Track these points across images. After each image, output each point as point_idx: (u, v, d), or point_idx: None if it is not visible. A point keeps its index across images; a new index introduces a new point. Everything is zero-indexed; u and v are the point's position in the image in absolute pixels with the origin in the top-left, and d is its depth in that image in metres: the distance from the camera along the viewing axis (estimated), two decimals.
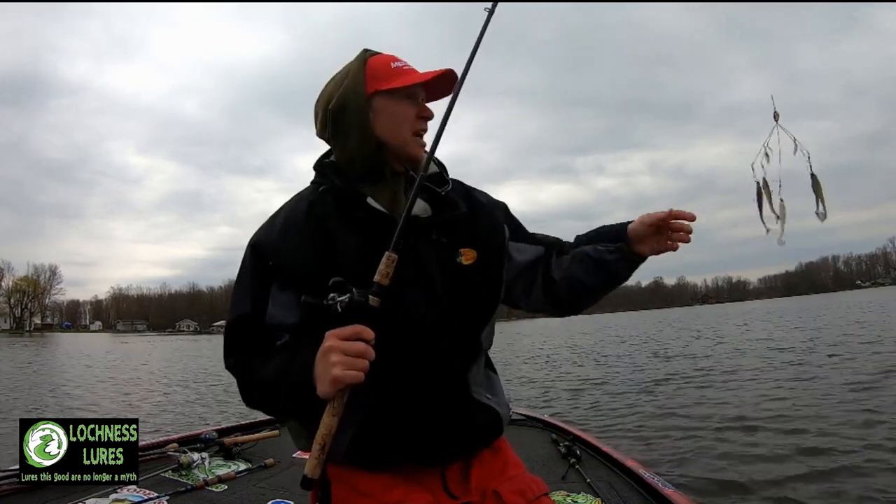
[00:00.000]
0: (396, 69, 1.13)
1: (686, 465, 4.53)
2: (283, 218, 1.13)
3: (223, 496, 2.39)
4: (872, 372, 8.18)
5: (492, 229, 1.21)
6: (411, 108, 1.13)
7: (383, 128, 1.11)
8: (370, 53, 1.17)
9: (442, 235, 1.13)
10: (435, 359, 1.07)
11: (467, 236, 1.16)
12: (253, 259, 1.11)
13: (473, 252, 1.15)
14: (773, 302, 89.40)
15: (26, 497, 2.16)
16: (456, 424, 1.09)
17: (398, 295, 1.03)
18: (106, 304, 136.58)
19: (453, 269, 1.12)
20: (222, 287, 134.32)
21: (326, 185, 1.13)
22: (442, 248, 1.12)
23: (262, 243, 1.11)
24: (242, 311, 1.10)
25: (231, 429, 3.36)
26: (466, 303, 1.12)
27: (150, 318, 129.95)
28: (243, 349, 1.10)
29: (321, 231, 1.08)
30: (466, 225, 1.17)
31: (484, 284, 1.16)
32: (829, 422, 5.52)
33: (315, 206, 1.12)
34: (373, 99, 1.11)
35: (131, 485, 2.33)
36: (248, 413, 7.78)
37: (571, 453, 2.73)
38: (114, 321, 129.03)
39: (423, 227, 1.11)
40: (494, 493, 1.10)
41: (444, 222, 1.14)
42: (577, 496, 2.29)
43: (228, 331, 1.12)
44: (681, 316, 56.87)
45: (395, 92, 1.12)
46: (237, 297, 1.12)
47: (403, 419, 1.06)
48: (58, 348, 38.07)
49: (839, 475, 3.94)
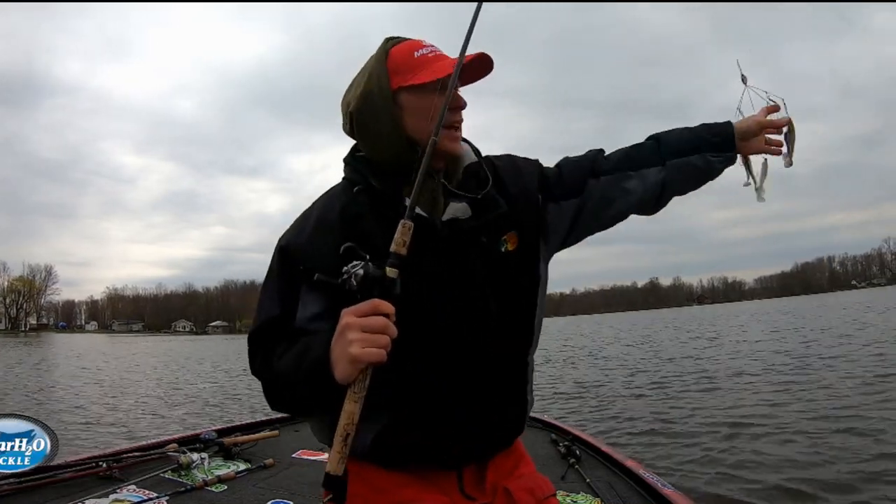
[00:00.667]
0: (421, 58, 1.03)
1: (686, 465, 4.55)
2: (315, 219, 1.07)
3: (223, 496, 2.38)
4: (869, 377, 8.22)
5: (526, 206, 1.13)
6: (441, 100, 1.00)
7: (413, 125, 1.03)
8: (392, 43, 1.06)
9: (483, 235, 1.07)
10: (469, 358, 1.04)
11: (509, 222, 1.10)
12: (282, 263, 1.07)
13: (515, 235, 1.10)
14: (769, 302, 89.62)
15: (26, 497, 2.14)
16: (486, 428, 1.07)
17: (443, 303, 1.02)
18: (101, 304, 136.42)
19: (497, 259, 1.08)
20: (218, 287, 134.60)
21: (361, 183, 1.07)
22: (486, 247, 1.07)
23: (292, 246, 1.06)
24: (271, 314, 1.05)
25: (231, 429, 3.35)
26: (513, 289, 1.09)
27: (145, 319, 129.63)
28: (268, 349, 1.05)
29: (355, 233, 1.01)
30: (507, 213, 1.10)
31: (525, 270, 1.12)
32: (829, 421, 5.57)
33: (349, 207, 1.06)
34: (398, 96, 1.03)
35: (131, 485, 2.34)
36: (248, 413, 7.83)
37: (571, 453, 2.73)
38: (109, 321, 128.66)
39: (468, 231, 1.06)
40: (505, 490, 1.09)
41: (487, 224, 1.08)
42: (576, 496, 2.29)
43: (255, 335, 1.07)
44: (677, 316, 56.97)
45: (420, 87, 1.02)
46: (265, 301, 1.07)
47: (431, 422, 1.03)
48: (51, 349, 37.96)
49: (839, 475, 3.97)
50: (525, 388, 1.14)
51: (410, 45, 1.05)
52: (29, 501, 2.13)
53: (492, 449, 1.12)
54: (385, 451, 1.04)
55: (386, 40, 1.07)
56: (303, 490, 2.43)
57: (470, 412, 1.05)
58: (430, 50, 1.05)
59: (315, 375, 0.92)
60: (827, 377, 8.37)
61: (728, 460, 4.56)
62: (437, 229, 1.04)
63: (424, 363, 1.02)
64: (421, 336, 1.00)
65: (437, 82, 1.00)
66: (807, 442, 4.88)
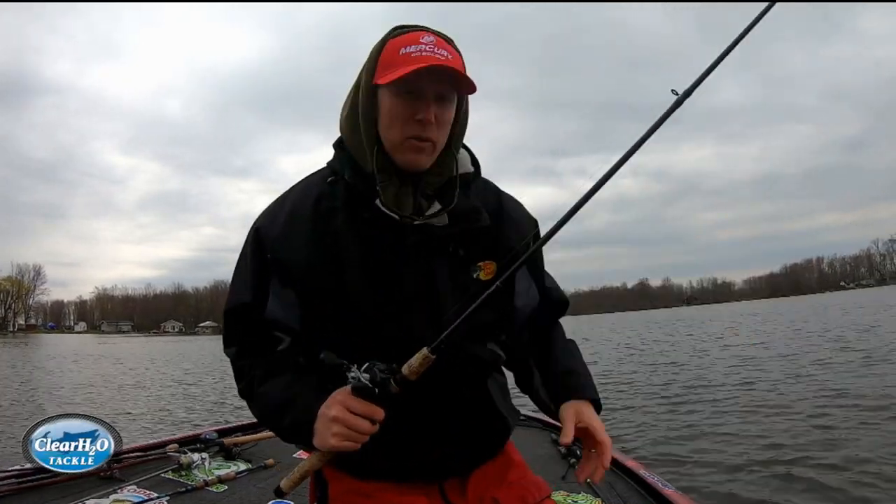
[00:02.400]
0: (404, 56, 0.93)
1: (685, 465, 4.56)
2: (290, 209, 1.04)
3: (223, 496, 2.37)
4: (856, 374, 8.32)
5: (519, 242, 1.08)
6: (408, 107, 0.94)
7: (382, 127, 0.98)
8: (394, 33, 0.99)
9: (460, 247, 1.02)
10: (436, 382, 0.96)
11: (489, 248, 1.04)
12: (254, 246, 1.05)
13: (493, 265, 1.04)
14: (759, 303, 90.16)
15: (26, 497, 2.13)
16: (459, 446, 1.05)
17: (399, 311, 0.99)
18: (90, 304, 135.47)
19: (468, 285, 1.01)
20: (207, 288, 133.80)
21: (339, 174, 1.02)
22: (458, 261, 1.02)
23: (263, 232, 1.04)
24: (242, 300, 1.05)
25: (231, 429, 3.34)
26: (482, 320, 1.01)
27: (134, 319, 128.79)
28: (243, 341, 1.07)
29: (328, 232, 1.00)
30: (489, 235, 1.05)
31: (497, 304, 1.02)
32: (828, 421, 5.62)
33: (323, 200, 1.02)
34: (377, 93, 0.97)
35: (131, 485, 2.33)
36: (248, 413, 7.79)
37: (571, 453, 2.72)
38: (98, 322, 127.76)
39: (437, 238, 1.01)
40: (493, 500, 1.06)
41: (463, 233, 1.02)
42: (576, 496, 2.29)
43: (228, 317, 1.08)
44: (670, 317, 57.15)
45: (392, 86, 0.94)
46: (237, 283, 1.07)
47: (405, 445, 1.01)
48: (39, 349, 37.55)
49: (840, 474, 4.00)
50: (492, 405, 1.09)
51: (405, 40, 0.96)
52: (29, 501, 2.11)
53: (468, 463, 1.09)
54: (361, 469, 1.04)
55: (391, 29, 1.00)
56: (303, 490, 2.42)
57: (438, 428, 1.03)
58: (421, 48, 0.94)
59: (296, 432, 0.99)
60: (827, 376, 8.46)
61: (728, 460, 4.57)
62: (406, 233, 1.00)
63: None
64: (379, 346, 0.97)
65: (407, 83, 0.93)
66: (808, 442, 4.90)
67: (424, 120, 0.94)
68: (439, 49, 0.94)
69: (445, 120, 0.98)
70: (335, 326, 1.01)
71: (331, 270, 0.99)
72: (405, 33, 0.97)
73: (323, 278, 0.99)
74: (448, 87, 0.96)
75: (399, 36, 0.97)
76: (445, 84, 0.95)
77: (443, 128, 0.98)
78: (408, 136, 0.95)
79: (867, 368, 8.80)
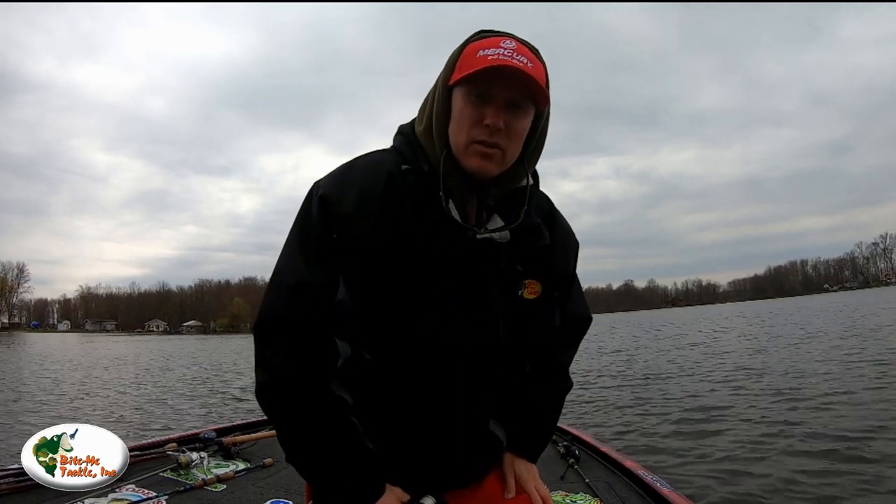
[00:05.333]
0: (481, 58, 0.89)
1: (685, 465, 4.58)
2: (360, 185, 0.94)
3: (222, 496, 2.37)
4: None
5: (564, 266, 1.09)
6: (477, 110, 0.91)
7: (452, 129, 0.94)
8: (477, 36, 0.95)
9: (519, 264, 0.99)
10: (463, 401, 0.97)
11: (541, 267, 1.01)
12: (321, 217, 0.92)
13: (539, 286, 1.01)
14: (744, 305, 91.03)
15: (26, 497, 2.11)
16: (462, 458, 1.01)
17: (448, 322, 0.94)
18: (74, 303, 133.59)
19: (515, 305, 0.99)
20: (192, 286, 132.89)
21: (411, 163, 0.96)
22: (511, 278, 0.99)
23: (333, 203, 0.92)
24: (305, 278, 0.90)
25: (230, 428, 3.34)
26: (520, 342, 1.01)
27: (119, 318, 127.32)
28: (299, 347, 0.90)
29: (396, 223, 0.92)
30: (543, 255, 1.02)
31: (541, 324, 1.04)
32: (828, 417, 5.70)
33: (395, 183, 0.94)
34: (452, 93, 0.94)
35: (130, 484, 2.32)
36: (247, 413, 7.73)
37: (570, 453, 2.75)
38: (82, 321, 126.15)
39: (497, 255, 0.97)
40: None
41: (526, 253, 0.99)
42: (575, 496, 2.31)
43: (289, 299, 0.91)
44: (657, 317, 57.51)
45: (463, 86, 0.91)
46: (300, 255, 0.92)
47: (410, 453, 0.97)
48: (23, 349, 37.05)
49: (840, 474, 4.03)
50: (486, 428, 1.05)
51: (485, 43, 0.91)
52: (29, 501, 2.09)
53: (467, 476, 1.06)
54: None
55: (474, 33, 0.96)
56: (301, 490, 2.43)
57: (448, 451, 0.99)
58: (499, 51, 0.89)
59: (340, 487, 0.93)
60: (827, 376, 8.50)
61: (727, 460, 4.58)
62: (468, 244, 0.95)
63: (414, 401, 0.95)
64: (424, 350, 0.93)
65: (477, 85, 0.90)
66: (808, 442, 4.93)
67: (492, 124, 0.90)
68: (518, 55, 0.89)
69: (517, 129, 0.93)
70: (375, 327, 0.93)
71: (392, 265, 0.91)
72: (487, 37, 0.93)
73: (383, 273, 0.91)
74: (522, 94, 0.90)
75: (480, 39, 0.93)
76: (519, 90, 0.90)
77: (514, 137, 0.93)
78: (474, 139, 0.91)
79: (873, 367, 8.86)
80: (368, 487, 0.93)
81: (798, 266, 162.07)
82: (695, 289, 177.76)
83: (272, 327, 0.92)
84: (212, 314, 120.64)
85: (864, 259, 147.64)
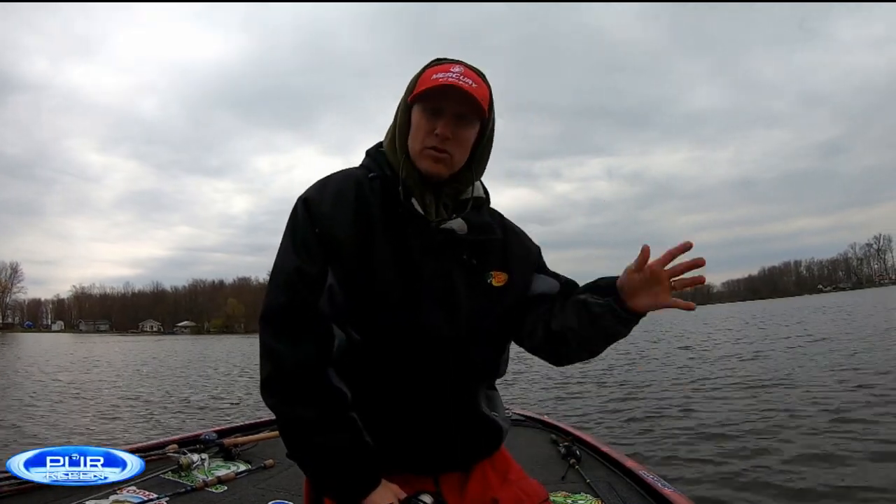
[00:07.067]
0: (434, 80, 1.06)
1: (686, 465, 4.59)
2: (335, 189, 1.09)
3: (223, 497, 2.36)
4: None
5: (524, 256, 1.23)
6: (429, 122, 1.07)
7: (410, 138, 1.11)
8: (433, 64, 1.12)
9: (473, 257, 1.13)
10: (444, 379, 1.07)
11: (499, 260, 1.17)
12: (305, 215, 1.06)
13: (504, 275, 1.16)
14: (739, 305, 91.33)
15: (26, 497, 2.11)
16: (455, 439, 1.10)
17: (418, 310, 1.05)
18: (68, 303, 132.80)
19: (483, 289, 1.13)
20: (186, 286, 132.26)
21: (376, 171, 1.13)
22: (472, 269, 1.13)
23: (314, 204, 1.07)
24: (301, 266, 1.03)
25: (231, 430, 3.34)
26: (490, 325, 1.14)
27: (112, 318, 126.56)
28: (304, 330, 1.00)
29: (367, 219, 1.07)
30: (499, 249, 1.19)
31: (511, 308, 1.17)
32: (829, 420, 5.71)
33: (363, 188, 1.10)
34: (411, 109, 1.11)
35: (131, 486, 2.31)
36: (247, 413, 7.73)
37: (571, 454, 2.75)
38: (76, 321, 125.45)
39: (457, 244, 1.11)
40: (493, 501, 1.11)
41: (479, 243, 1.14)
42: (576, 496, 2.31)
43: (287, 288, 1.02)
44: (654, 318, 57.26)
45: (419, 103, 1.09)
46: (292, 249, 1.05)
47: (404, 435, 1.06)
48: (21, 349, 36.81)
49: (840, 473, 4.06)
50: (477, 410, 1.14)
51: (439, 69, 1.09)
52: (29, 501, 2.09)
53: (465, 458, 1.14)
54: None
55: (431, 61, 1.13)
56: (302, 491, 2.43)
57: (440, 427, 1.08)
58: (448, 75, 1.06)
59: (341, 480, 1.01)
60: (826, 376, 8.59)
61: (728, 460, 4.60)
62: (433, 232, 1.09)
63: (401, 381, 1.06)
64: (402, 355, 1.05)
65: (430, 102, 1.07)
66: (809, 442, 4.96)
67: (441, 134, 1.06)
68: (465, 77, 1.07)
69: (463, 138, 1.09)
70: (359, 310, 1.04)
71: (367, 254, 1.05)
72: (441, 64, 1.10)
73: (361, 261, 1.04)
74: (467, 109, 1.07)
75: (435, 66, 1.10)
76: (465, 106, 1.07)
77: (460, 145, 1.10)
78: (427, 146, 1.08)
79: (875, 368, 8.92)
80: (366, 481, 1.01)
81: (792, 267, 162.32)
82: (689, 290, 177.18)
83: (275, 316, 1.03)
84: (206, 314, 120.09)
85: (857, 260, 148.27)
